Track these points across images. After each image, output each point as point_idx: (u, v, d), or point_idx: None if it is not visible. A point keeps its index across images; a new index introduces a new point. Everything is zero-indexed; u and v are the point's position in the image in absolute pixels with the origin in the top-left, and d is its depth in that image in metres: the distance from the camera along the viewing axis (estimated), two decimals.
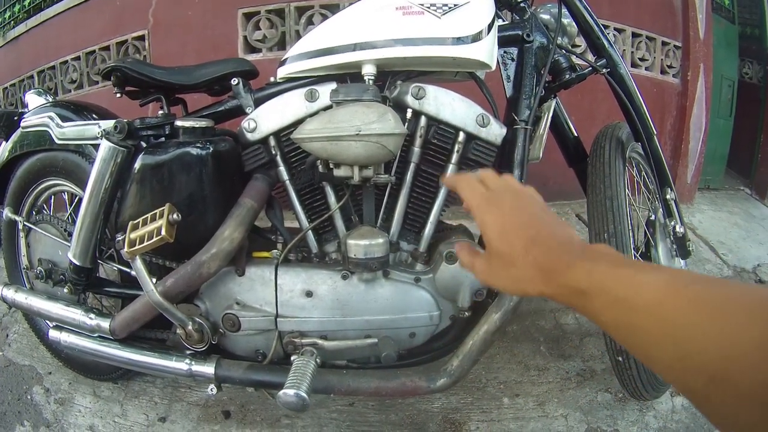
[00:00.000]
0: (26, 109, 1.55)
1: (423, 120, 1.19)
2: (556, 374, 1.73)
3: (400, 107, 1.19)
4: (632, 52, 3.16)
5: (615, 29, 3.08)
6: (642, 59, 3.20)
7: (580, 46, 2.61)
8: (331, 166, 1.17)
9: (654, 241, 1.59)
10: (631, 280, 0.41)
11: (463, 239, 0.68)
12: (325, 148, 1.09)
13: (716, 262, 2.69)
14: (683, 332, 0.35)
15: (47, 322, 1.56)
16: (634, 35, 3.15)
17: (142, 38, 3.08)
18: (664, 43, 3.26)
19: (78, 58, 3.33)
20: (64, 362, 1.71)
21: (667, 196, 1.59)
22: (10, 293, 1.45)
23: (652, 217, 1.62)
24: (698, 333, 0.34)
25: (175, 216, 1.10)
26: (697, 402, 0.35)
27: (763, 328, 0.31)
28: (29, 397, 1.67)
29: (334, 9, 2.77)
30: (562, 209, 3.02)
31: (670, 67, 3.30)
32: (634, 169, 1.70)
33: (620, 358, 1.38)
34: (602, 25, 1.45)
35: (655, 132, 1.52)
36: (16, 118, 1.54)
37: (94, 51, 3.26)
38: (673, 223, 1.62)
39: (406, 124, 1.17)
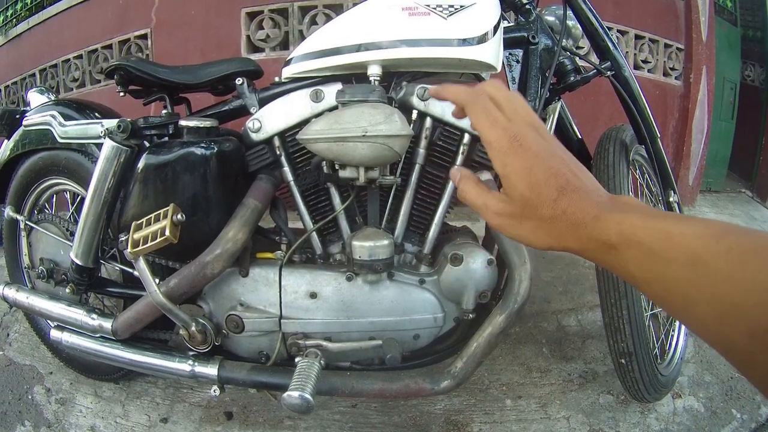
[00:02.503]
0: (28, 108, 1.55)
1: (428, 121, 1.19)
2: (559, 376, 1.72)
3: (405, 108, 1.18)
4: (635, 54, 3.17)
5: (618, 31, 3.08)
6: (645, 61, 3.21)
7: (584, 47, 2.61)
8: (337, 167, 1.17)
9: None
10: (664, 231, 0.39)
11: (464, 170, 0.55)
12: (331, 148, 1.08)
13: None
14: (722, 284, 0.33)
15: (48, 321, 1.55)
16: (638, 37, 3.16)
17: (144, 37, 3.08)
18: (666, 46, 3.27)
19: (80, 57, 3.34)
20: (65, 362, 1.70)
21: (670, 199, 1.59)
22: (11, 292, 1.44)
23: None
24: (737, 284, 0.32)
25: (179, 216, 1.10)
26: (737, 361, 0.34)
27: None
28: (30, 396, 1.66)
29: (337, 8, 2.77)
30: None
31: (672, 69, 3.31)
32: (638, 171, 1.70)
33: (623, 360, 1.37)
34: (606, 26, 1.45)
35: (659, 135, 1.51)
36: (18, 116, 1.54)
37: (96, 49, 3.26)
38: None
39: (412, 125, 1.17)
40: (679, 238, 0.37)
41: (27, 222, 1.56)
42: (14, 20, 3.87)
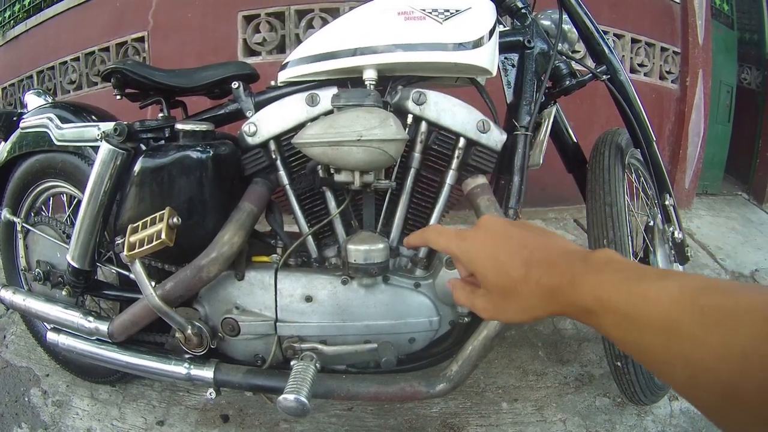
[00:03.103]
0: (25, 110, 1.55)
1: (424, 125, 1.20)
2: (555, 379, 1.73)
3: (400, 112, 1.19)
4: (631, 57, 3.17)
5: (614, 35, 3.09)
6: (641, 65, 3.21)
7: (579, 51, 2.62)
8: (332, 171, 1.17)
9: (653, 247, 1.60)
10: (638, 296, 0.39)
11: (455, 280, 0.62)
12: (326, 153, 1.09)
13: (714, 267, 2.70)
14: (695, 350, 0.34)
15: (45, 324, 1.55)
16: (634, 41, 3.17)
17: (141, 40, 3.08)
18: (663, 49, 3.27)
19: (77, 59, 3.33)
20: (61, 364, 1.70)
21: (666, 202, 1.59)
22: (7, 295, 1.44)
23: (651, 223, 1.63)
24: (710, 350, 0.33)
25: (175, 220, 1.10)
26: (713, 419, 0.34)
27: None
28: (27, 399, 1.66)
29: (334, 12, 2.78)
30: (561, 215, 3.03)
31: (668, 72, 3.31)
32: (633, 175, 1.70)
33: (618, 363, 1.38)
34: (602, 30, 1.45)
35: (654, 138, 1.52)
36: (15, 118, 1.54)
37: (93, 52, 3.26)
38: (671, 228, 1.62)
39: (407, 129, 1.17)
40: (652, 302, 0.38)
41: (24, 224, 1.56)
42: (12, 22, 3.87)
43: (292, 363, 1.18)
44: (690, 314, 0.35)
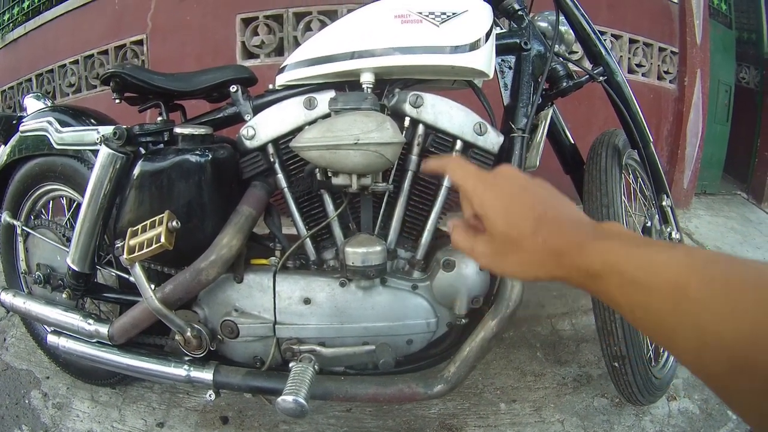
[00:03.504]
0: (25, 113, 1.55)
1: (421, 128, 1.20)
2: (553, 380, 1.73)
3: (398, 115, 1.19)
4: (629, 58, 3.18)
5: (612, 35, 3.09)
6: (639, 65, 3.22)
7: (577, 52, 2.62)
8: (330, 174, 1.18)
9: None
10: (647, 260, 0.39)
11: (456, 219, 0.60)
12: (324, 156, 1.09)
13: None
14: (702, 315, 0.33)
15: (45, 326, 1.56)
16: (632, 41, 3.17)
17: (140, 42, 3.08)
18: (661, 49, 3.28)
19: (76, 62, 3.34)
20: (61, 367, 1.71)
21: (664, 203, 1.60)
22: (8, 297, 1.45)
23: (648, 224, 1.63)
24: (719, 316, 0.32)
25: (174, 223, 1.11)
26: (718, 390, 0.34)
27: None
28: (27, 401, 1.66)
29: (332, 15, 2.78)
30: None
31: (666, 72, 3.32)
32: (631, 176, 1.71)
33: (616, 364, 1.38)
34: (600, 31, 1.45)
35: (652, 139, 1.52)
36: (15, 122, 1.54)
37: (92, 55, 3.26)
38: (669, 229, 1.62)
39: (404, 132, 1.18)
40: (662, 267, 0.38)
41: (24, 227, 1.57)
42: (11, 25, 3.88)
43: (290, 365, 1.18)
44: (699, 280, 0.35)
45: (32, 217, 1.63)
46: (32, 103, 1.60)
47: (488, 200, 0.52)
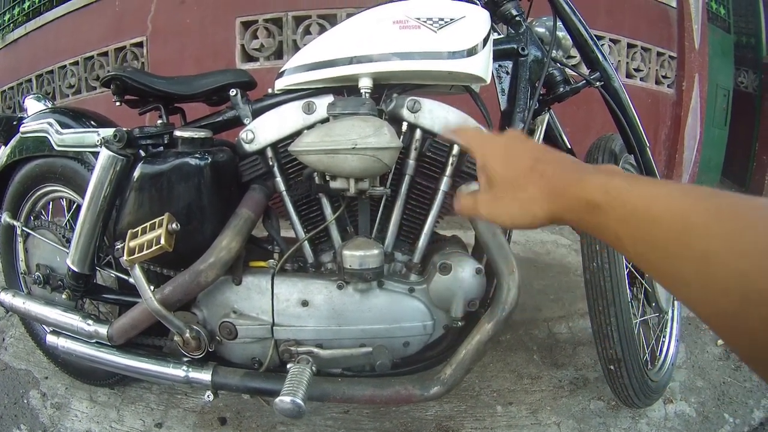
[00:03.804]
0: (25, 114, 1.56)
1: (418, 133, 1.21)
2: (549, 383, 1.74)
3: (395, 120, 1.20)
4: (627, 62, 3.19)
5: (610, 40, 3.11)
6: (637, 70, 3.23)
7: (575, 57, 2.63)
8: (328, 178, 1.19)
9: None
10: (651, 191, 0.38)
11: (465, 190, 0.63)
12: (322, 160, 1.10)
13: None
14: (711, 244, 0.31)
15: (44, 327, 1.57)
16: (630, 46, 3.19)
17: (140, 45, 3.10)
18: (659, 54, 3.29)
19: (76, 63, 3.35)
20: (60, 367, 1.71)
21: None
22: (7, 297, 1.46)
23: None
24: (729, 243, 0.31)
25: (174, 225, 1.12)
26: (726, 327, 0.31)
27: None
28: (26, 401, 1.67)
29: (331, 19, 2.79)
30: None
31: (665, 77, 3.33)
32: None
33: (612, 367, 1.39)
34: (598, 36, 1.46)
35: (648, 144, 1.53)
36: (15, 123, 1.55)
37: (92, 56, 3.28)
38: None
39: (402, 136, 1.19)
40: (666, 197, 0.37)
41: (24, 228, 1.58)
42: (11, 25, 3.89)
43: (288, 366, 1.19)
44: (704, 208, 0.34)
45: (32, 218, 1.64)
46: (33, 104, 1.61)
47: (489, 151, 0.56)
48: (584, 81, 1.44)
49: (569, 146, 1.60)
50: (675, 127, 3.34)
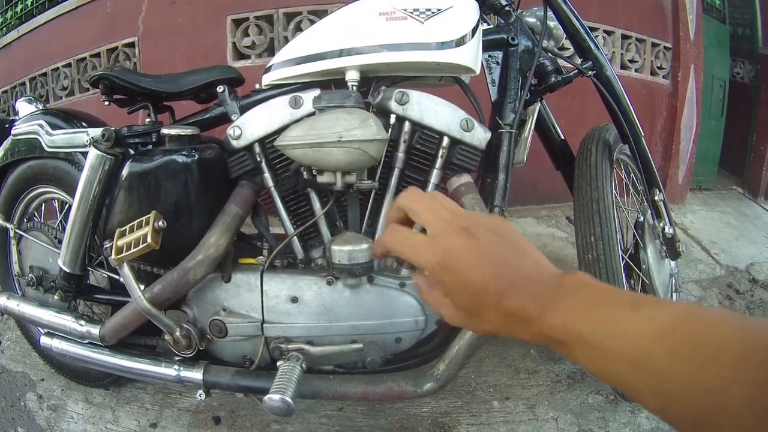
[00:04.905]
0: (17, 117, 1.56)
1: (407, 125, 1.20)
2: (547, 377, 1.73)
3: (383, 113, 1.19)
4: (622, 54, 3.18)
5: (604, 31, 3.09)
6: (632, 61, 3.22)
7: (568, 48, 2.62)
8: (315, 172, 1.18)
9: (643, 243, 1.60)
10: (609, 327, 0.39)
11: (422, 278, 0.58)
12: (308, 154, 1.09)
13: (708, 262, 2.70)
14: (665, 383, 0.34)
15: (39, 329, 1.56)
16: (624, 37, 3.17)
17: (132, 45, 3.09)
18: (653, 45, 3.28)
19: (69, 65, 3.35)
20: (56, 369, 1.71)
21: (656, 198, 1.59)
22: (1, 300, 1.45)
23: (641, 219, 1.63)
24: (680, 384, 0.33)
25: (160, 223, 1.11)
26: None
27: (749, 387, 0.30)
28: (22, 403, 1.67)
29: (322, 14, 2.78)
30: (553, 212, 3.04)
31: (660, 68, 3.32)
32: (623, 171, 1.71)
33: None
34: (591, 27, 1.45)
35: (643, 133, 1.52)
36: (7, 125, 1.55)
37: (84, 58, 3.28)
38: (662, 224, 1.62)
39: (390, 129, 1.18)
40: (624, 336, 0.38)
41: (16, 230, 1.58)
42: (4, 29, 3.89)
43: (278, 363, 1.18)
44: (662, 349, 0.35)
45: (25, 220, 1.64)
46: (24, 107, 1.61)
47: (447, 279, 0.49)
48: (576, 71, 1.43)
49: (562, 137, 1.60)
50: (671, 118, 3.32)
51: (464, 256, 0.48)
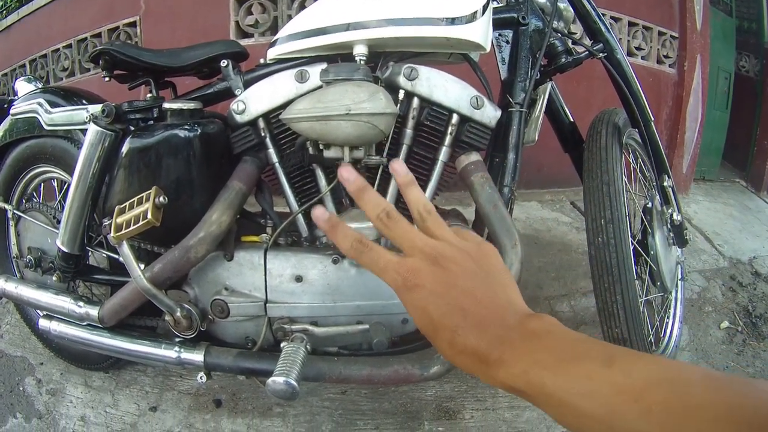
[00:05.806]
0: (16, 97, 1.53)
1: (415, 101, 1.17)
2: None
3: (392, 88, 1.16)
4: (629, 41, 3.15)
5: (612, 18, 3.07)
6: (638, 48, 3.20)
7: (576, 33, 2.59)
8: (321, 147, 1.15)
9: (651, 229, 1.58)
10: (581, 385, 0.37)
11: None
12: (314, 128, 1.06)
13: (712, 252, 2.68)
14: None
15: (38, 311, 1.54)
16: (631, 24, 3.15)
17: (133, 24, 3.07)
18: (660, 33, 3.26)
19: (70, 46, 3.33)
20: (55, 352, 1.69)
21: (665, 184, 1.57)
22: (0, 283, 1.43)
23: (649, 205, 1.61)
24: None
25: (161, 199, 1.08)
26: None
27: None
28: (21, 388, 1.65)
29: None
30: (557, 197, 3.01)
31: (666, 57, 3.30)
32: (631, 155, 1.68)
33: None
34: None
35: (653, 118, 1.49)
36: (5, 105, 1.53)
37: (85, 38, 3.26)
38: (670, 210, 1.60)
39: (399, 105, 1.15)
40: (596, 396, 0.36)
41: (15, 211, 1.55)
42: (4, 12, 3.87)
43: (282, 345, 1.15)
44: (637, 408, 0.34)
45: (24, 201, 1.61)
46: (23, 86, 1.59)
47: (409, 300, 0.48)
48: (587, 52, 1.41)
49: (571, 119, 1.57)
50: (676, 107, 3.30)
51: (427, 283, 0.47)
